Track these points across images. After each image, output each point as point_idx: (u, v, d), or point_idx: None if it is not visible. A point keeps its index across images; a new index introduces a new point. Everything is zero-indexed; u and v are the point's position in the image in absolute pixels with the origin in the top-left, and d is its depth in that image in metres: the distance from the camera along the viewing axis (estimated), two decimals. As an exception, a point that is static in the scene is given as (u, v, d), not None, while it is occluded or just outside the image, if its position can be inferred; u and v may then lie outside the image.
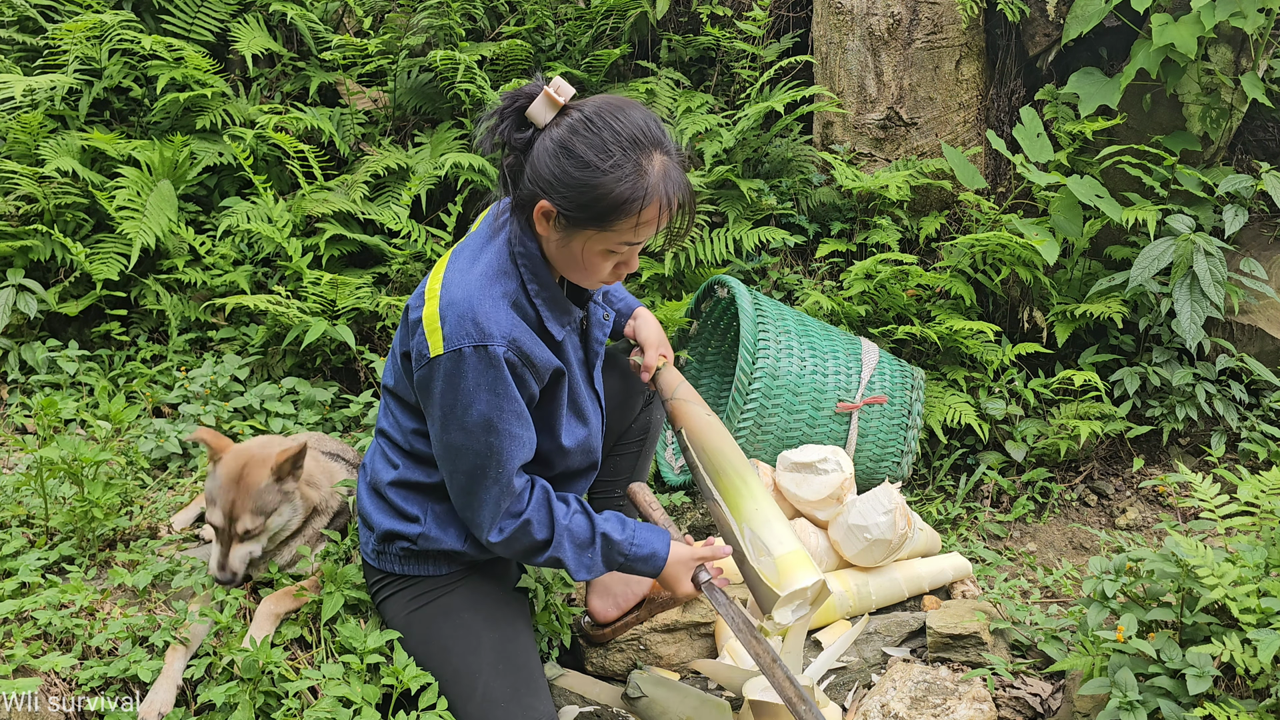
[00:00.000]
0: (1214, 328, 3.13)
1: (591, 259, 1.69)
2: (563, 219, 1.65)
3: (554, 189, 1.63)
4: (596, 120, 1.61)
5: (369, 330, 3.15)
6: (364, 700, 1.75)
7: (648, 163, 1.62)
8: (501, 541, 1.75)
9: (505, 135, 1.67)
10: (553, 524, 1.77)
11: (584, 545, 1.79)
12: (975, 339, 3.11)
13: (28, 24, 3.37)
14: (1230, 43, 3.11)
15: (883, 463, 2.88)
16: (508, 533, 1.74)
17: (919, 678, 2.13)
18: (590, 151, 1.60)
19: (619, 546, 1.81)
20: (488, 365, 1.65)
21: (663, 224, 1.69)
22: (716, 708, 2.03)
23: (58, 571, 2.03)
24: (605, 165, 1.60)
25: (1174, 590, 1.86)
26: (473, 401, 1.66)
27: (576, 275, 1.75)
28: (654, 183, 1.63)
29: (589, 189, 1.61)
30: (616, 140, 1.61)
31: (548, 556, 1.78)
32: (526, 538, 1.75)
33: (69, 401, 2.70)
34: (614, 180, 1.60)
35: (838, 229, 3.50)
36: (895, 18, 3.40)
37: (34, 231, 2.99)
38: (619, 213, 1.62)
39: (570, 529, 1.78)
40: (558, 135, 1.62)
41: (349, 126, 3.44)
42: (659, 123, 1.67)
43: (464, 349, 1.64)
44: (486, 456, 1.69)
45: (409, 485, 1.85)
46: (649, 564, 1.84)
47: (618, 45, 3.67)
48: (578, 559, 1.79)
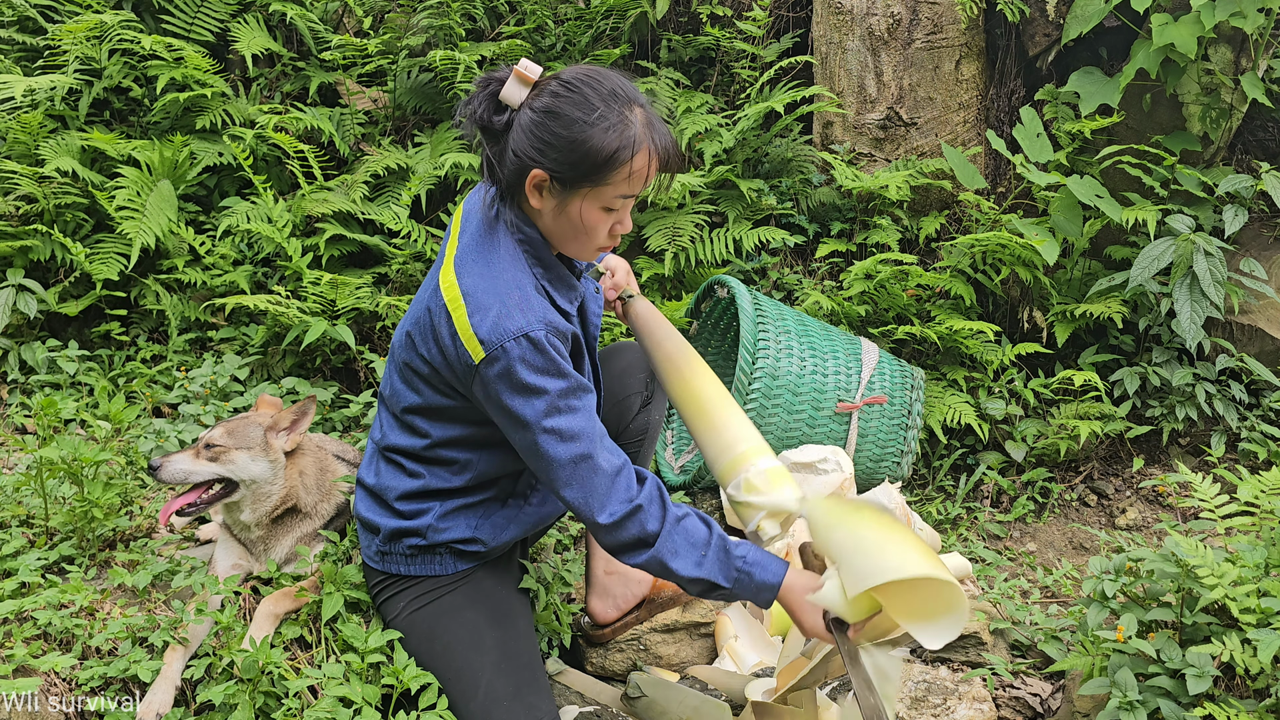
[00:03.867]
0: (1214, 328, 3.13)
1: (591, 219, 1.69)
2: (556, 184, 1.66)
3: (544, 154, 1.64)
4: (574, 82, 1.64)
5: (369, 330, 3.15)
6: (364, 700, 1.75)
7: (630, 114, 1.65)
8: (611, 525, 1.66)
9: (483, 119, 1.67)
10: (664, 516, 1.69)
11: (698, 545, 1.70)
12: (975, 339, 3.11)
13: (28, 24, 3.37)
14: (1230, 43, 3.11)
15: (883, 463, 2.88)
16: (618, 517, 1.66)
17: (919, 678, 2.13)
18: (574, 109, 1.62)
19: (736, 559, 1.69)
20: (535, 352, 1.63)
21: (652, 173, 1.70)
22: (716, 708, 2.03)
23: (58, 571, 2.03)
24: (591, 118, 1.62)
25: (1174, 590, 1.86)
26: (532, 393, 1.64)
27: (575, 245, 1.74)
28: (640, 131, 1.65)
29: (579, 144, 1.62)
30: (598, 94, 1.63)
31: (654, 553, 1.68)
32: (637, 526, 1.67)
33: (69, 401, 2.70)
34: (602, 130, 1.62)
35: (838, 229, 3.50)
36: (895, 18, 3.40)
37: (34, 231, 2.99)
38: (611, 163, 1.64)
39: (685, 526, 1.70)
40: (538, 105, 1.64)
41: (349, 126, 3.44)
42: (633, 84, 1.69)
43: (505, 344, 1.63)
44: (571, 439, 1.65)
45: (429, 493, 1.84)
46: (770, 575, 1.70)
47: (618, 45, 3.67)
48: (691, 557, 1.69)
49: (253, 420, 2.02)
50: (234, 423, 2.00)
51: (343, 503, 2.13)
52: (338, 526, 2.11)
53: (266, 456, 1.98)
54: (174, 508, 1.93)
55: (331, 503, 2.10)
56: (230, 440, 1.95)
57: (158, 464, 1.90)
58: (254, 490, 1.98)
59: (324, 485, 2.10)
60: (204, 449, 1.94)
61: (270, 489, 1.99)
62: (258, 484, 1.97)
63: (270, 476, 1.98)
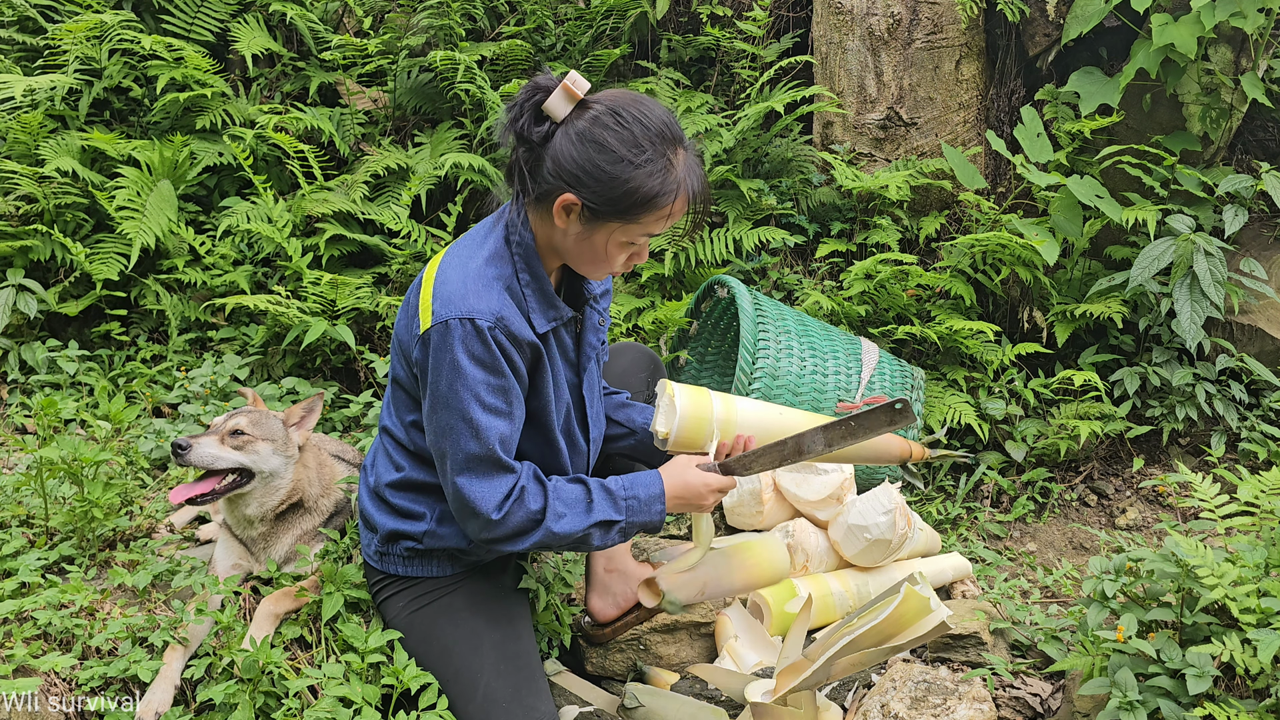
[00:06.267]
0: (1214, 328, 3.13)
1: (613, 251, 1.70)
2: (587, 212, 1.65)
3: (581, 183, 1.62)
4: (624, 114, 1.62)
5: (369, 330, 3.15)
6: (364, 700, 1.75)
7: (674, 157, 1.64)
8: (500, 520, 1.68)
9: (524, 129, 1.65)
10: (544, 491, 1.72)
11: (579, 498, 1.74)
12: (975, 339, 3.11)
13: (28, 24, 3.37)
14: (1230, 43, 3.11)
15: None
16: (505, 510, 1.68)
17: (919, 678, 2.13)
18: (622, 146, 1.61)
19: (617, 492, 1.76)
20: (474, 338, 1.64)
21: (684, 217, 1.71)
22: (713, 714, 2.03)
23: (58, 571, 2.03)
24: (639, 160, 1.61)
25: (1174, 590, 1.86)
26: (458, 374, 1.64)
27: (589, 267, 1.74)
28: (681, 177, 1.65)
29: (621, 183, 1.61)
30: (646, 135, 1.62)
31: (544, 531, 1.70)
32: (522, 510, 1.69)
33: (69, 401, 2.70)
34: (646, 175, 1.61)
35: (838, 229, 3.50)
36: (895, 18, 3.40)
37: (34, 231, 2.99)
38: (649, 206, 1.64)
39: (560, 491, 1.73)
40: (581, 128, 1.62)
41: (349, 126, 3.44)
42: (675, 118, 1.68)
43: (450, 321, 1.64)
44: (475, 432, 1.66)
45: (413, 486, 1.84)
46: (652, 485, 1.78)
47: (618, 45, 3.67)
48: (578, 509, 1.72)
49: (271, 413, 2.03)
50: (255, 414, 2.00)
51: (341, 500, 2.13)
52: (336, 525, 2.11)
53: (286, 451, 2.00)
54: (189, 494, 1.92)
55: (330, 499, 2.11)
56: (257, 430, 1.96)
57: (186, 445, 1.89)
58: (266, 483, 1.98)
59: (324, 480, 2.11)
60: (230, 436, 1.94)
61: (280, 483, 2.00)
62: (272, 477, 1.99)
63: (284, 471, 2.00)
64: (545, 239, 1.73)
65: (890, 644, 1.78)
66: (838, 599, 2.38)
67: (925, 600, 1.77)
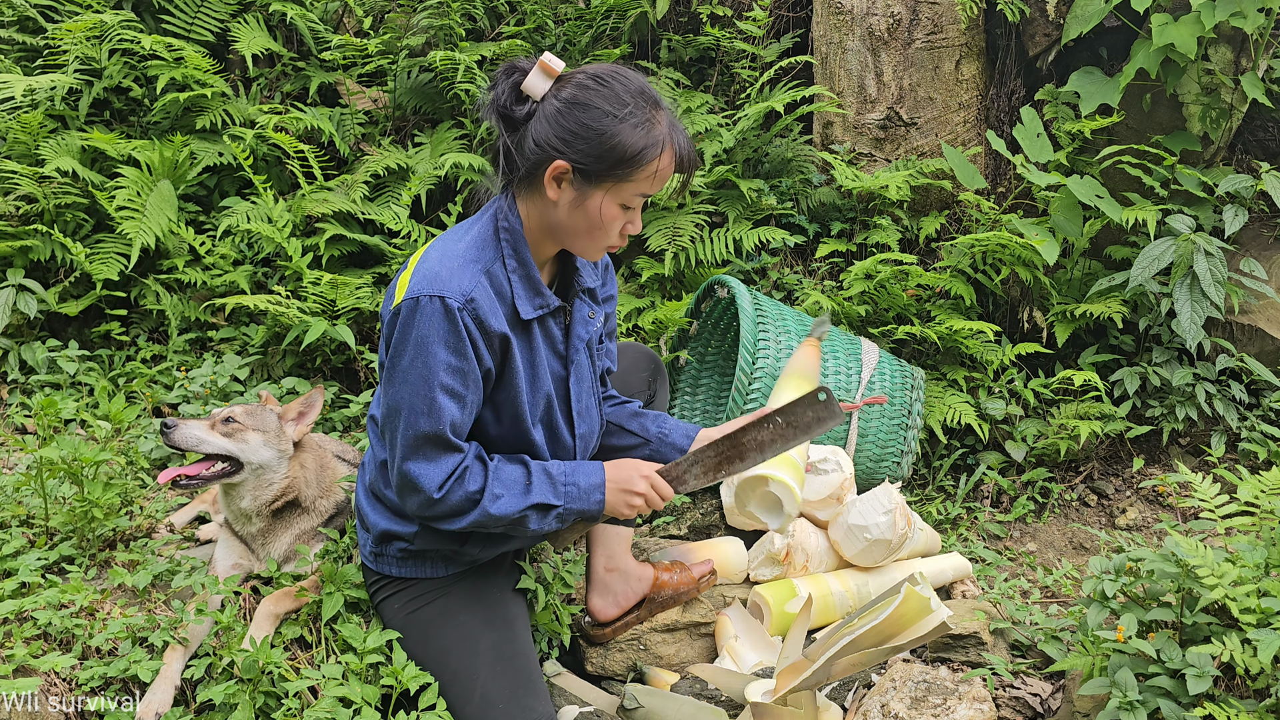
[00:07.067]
0: (1214, 328, 3.13)
1: (608, 215, 1.70)
2: (579, 176, 1.66)
3: (569, 144, 1.64)
4: (603, 76, 1.66)
5: (369, 330, 3.15)
6: (364, 700, 1.75)
7: (656, 114, 1.67)
8: (440, 499, 1.68)
9: (505, 106, 1.68)
10: (485, 474, 1.73)
11: (518, 479, 1.74)
12: (975, 339, 3.11)
13: (28, 24, 3.37)
14: (1230, 43, 3.11)
15: (883, 463, 2.88)
16: (446, 489, 1.68)
17: (919, 678, 2.13)
18: (605, 102, 1.64)
19: (558, 478, 1.76)
20: (441, 316, 1.64)
21: (671, 175, 1.73)
22: (713, 714, 2.03)
23: (58, 571, 2.03)
24: (622, 113, 1.64)
25: (1174, 590, 1.86)
26: (421, 350, 1.65)
27: (585, 241, 1.74)
28: (665, 131, 1.68)
29: (608, 136, 1.63)
30: (627, 90, 1.65)
31: (480, 511, 1.70)
32: (460, 490, 1.69)
33: (69, 401, 2.70)
34: (631, 126, 1.64)
35: (838, 229, 3.50)
36: (895, 18, 3.40)
37: (34, 231, 2.99)
38: (638, 159, 1.65)
39: (500, 472, 1.73)
40: (564, 96, 1.65)
41: (349, 126, 3.44)
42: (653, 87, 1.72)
43: (419, 297, 1.65)
44: (429, 410, 1.65)
45: None
46: (593, 474, 1.78)
47: (618, 45, 3.67)
48: (516, 490, 1.73)
49: (269, 407, 2.05)
50: (252, 406, 2.03)
51: (342, 500, 2.13)
52: (336, 525, 2.11)
53: (278, 445, 2.00)
54: (175, 474, 1.92)
55: (331, 500, 2.11)
56: (249, 420, 1.98)
57: (172, 425, 1.90)
58: (258, 476, 1.98)
59: (324, 481, 2.10)
60: (221, 423, 1.95)
61: (273, 477, 2.00)
62: (263, 470, 1.98)
63: (276, 464, 2.00)
64: (537, 221, 1.73)
65: (890, 644, 1.78)
66: (838, 599, 2.38)
67: (925, 600, 1.77)
